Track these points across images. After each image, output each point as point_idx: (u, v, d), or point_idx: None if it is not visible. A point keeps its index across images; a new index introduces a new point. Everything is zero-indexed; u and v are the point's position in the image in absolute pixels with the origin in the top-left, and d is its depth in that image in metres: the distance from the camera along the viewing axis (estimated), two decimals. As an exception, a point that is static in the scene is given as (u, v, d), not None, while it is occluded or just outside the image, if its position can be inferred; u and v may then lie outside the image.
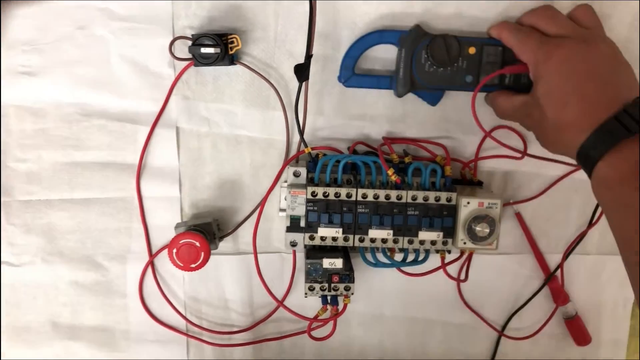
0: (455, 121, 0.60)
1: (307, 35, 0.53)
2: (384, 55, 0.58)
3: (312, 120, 0.59)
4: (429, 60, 0.55)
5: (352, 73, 0.57)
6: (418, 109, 0.59)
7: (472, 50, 0.55)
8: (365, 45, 0.57)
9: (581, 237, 0.62)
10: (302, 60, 0.53)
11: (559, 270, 0.63)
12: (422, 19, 0.57)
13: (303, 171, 0.56)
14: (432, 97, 0.58)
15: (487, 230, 0.54)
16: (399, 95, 0.57)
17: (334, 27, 0.58)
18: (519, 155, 0.59)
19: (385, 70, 0.58)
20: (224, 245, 0.61)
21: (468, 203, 0.54)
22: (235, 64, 0.57)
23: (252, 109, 0.59)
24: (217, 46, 0.53)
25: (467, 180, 0.60)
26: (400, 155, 0.58)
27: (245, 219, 0.61)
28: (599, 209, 0.62)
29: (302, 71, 0.53)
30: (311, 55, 0.53)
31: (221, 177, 0.60)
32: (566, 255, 0.63)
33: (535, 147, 0.59)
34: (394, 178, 0.54)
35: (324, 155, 0.57)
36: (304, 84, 0.54)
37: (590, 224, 0.62)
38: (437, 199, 0.54)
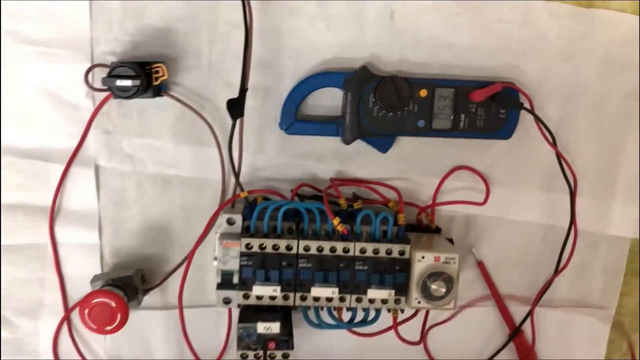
0: (411, 161, 0.54)
1: (242, 67, 0.46)
2: (330, 99, 0.52)
3: (251, 159, 0.53)
4: (377, 105, 0.50)
5: (295, 119, 0.51)
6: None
7: (423, 92, 0.50)
8: (307, 89, 0.51)
9: (548, 285, 0.56)
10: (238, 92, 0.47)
11: (525, 324, 0.57)
12: (370, 59, 0.52)
13: (238, 218, 0.49)
14: (383, 143, 0.52)
15: (444, 290, 0.47)
16: (346, 142, 0.51)
17: (276, 55, 0.51)
18: (480, 201, 0.54)
19: (331, 116, 0.52)
20: (151, 299, 0.54)
21: (423, 257, 0.48)
22: (162, 96, 0.50)
23: (183, 145, 0.52)
24: (136, 77, 0.46)
25: (424, 226, 0.54)
26: (350, 199, 0.52)
27: (174, 269, 0.54)
28: (565, 254, 0.56)
29: (235, 107, 0.46)
30: (246, 90, 0.46)
31: (147, 222, 0.53)
32: (534, 307, 0.57)
33: (499, 189, 0.54)
34: (340, 228, 0.47)
35: (263, 199, 0.51)
36: (238, 120, 0.47)
37: (557, 271, 0.57)
38: (389, 252, 0.48)
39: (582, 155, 0.56)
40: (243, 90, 0.46)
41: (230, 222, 0.49)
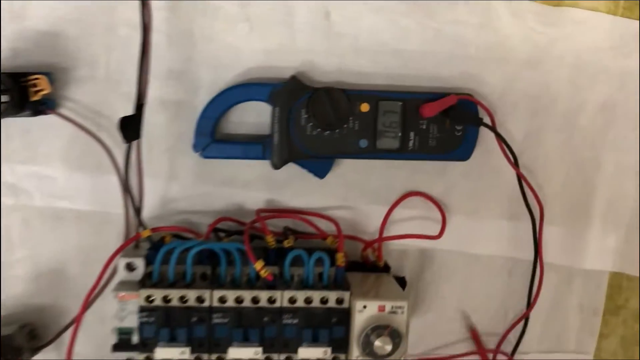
0: (355, 186, 0.46)
1: (138, 76, 0.38)
2: (255, 115, 0.44)
3: (163, 187, 0.44)
4: (310, 121, 0.41)
5: (212, 139, 0.42)
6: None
7: (364, 107, 0.42)
8: (226, 103, 0.42)
9: (519, 322, 0.49)
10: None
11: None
12: (302, 67, 0.43)
13: (140, 263, 0.40)
14: (319, 167, 0.44)
15: (389, 347, 0.39)
16: (275, 166, 0.43)
17: (188, 64, 0.43)
18: (435, 233, 0.46)
19: (257, 135, 0.44)
20: (45, 356, 0.44)
21: (364, 307, 0.39)
22: (47, 114, 0.41)
23: (77, 172, 0.43)
24: (5, 92, 0.37)
25: (370, 264, 0.46)
26: (279, 233, 0.43)
27: (72, 321, 0.44)
28: (535, 290, 0.48)
29: (130, 126, 0.38)
30: (142, 105, 0.38)
31: (37, 266, 0.44)
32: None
33: (458, 218, 0.46)
34: (264, 274, 0.39)
35: (173, 238, 0.42)
36: (135, 142, 0.39)
37: (524, 313, 0.49)
38: (324, 300, 0.40)
39: (551, 177, 0.48)
40: (139, 105, 0.38)
41: (130, 267, 0.40)
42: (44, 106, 0.41)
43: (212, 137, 0.43)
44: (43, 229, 0.44)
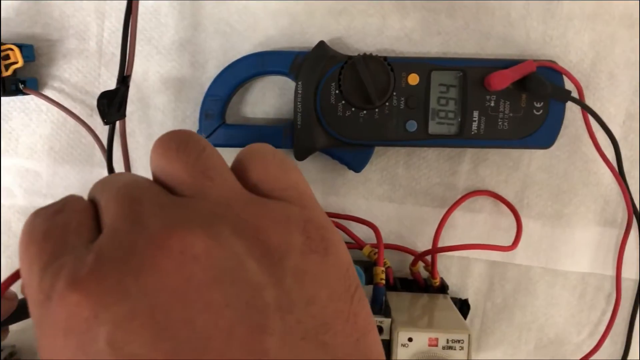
0: (401, 182, 0.37)
1: (122, 44, 0.30)
2: (273, 93, 0.35)
3: (164, 184, 0.36)
4: (343, 99, 0.32)
5: (220, 122, 0.34)
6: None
7: (413, 79, 0.33)
8: (237, 78, 0.34)
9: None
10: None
11: None
12: (332, 32, 0.34)
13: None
14: (354, 157, 0.35)
15: (444, 396, 0.29)
16: (299, 157, 0.34)
17: (195, 31, 0.35)
18: (507, 243, 0.35)
19: (276, 119, 0.35)
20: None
21: (410, 340, 0.30)
22: (25, 94, 0.34)
23: (64, 165, 0.36)
24: (-37, 63, 0.31)
25: (421, 282, 0.36)
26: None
27: None
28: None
29: (109, 103, 0.30)
30: (127, 77, 0.30)
31: (19, 277, 0.37)
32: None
33: (536, 226, 0.36)
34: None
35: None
36: (118, 124, 0.31)
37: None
38: (357, 328, 0.30)
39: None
40: (123, 78, 0.30)
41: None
42: (23, 85, 0.34)
43: (221, 120, 0.34)
44: (26, 233, 0.37)
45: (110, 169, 0.32)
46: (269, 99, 0.36)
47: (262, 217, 0.16)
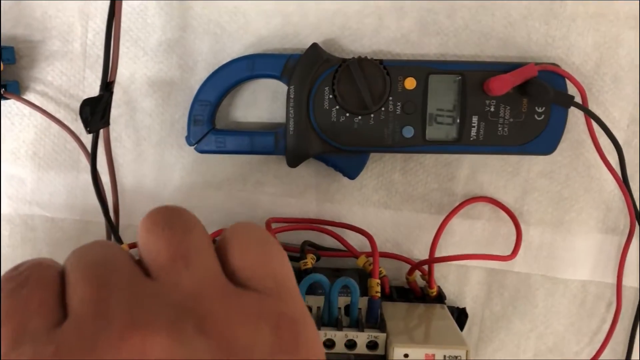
0: (397, 189, 0.36)
1: (105, 47, 0.29)
2: (264, 97, 0.34)
3: (152, 188, 0.35)
4: (337, 104, 0.31)
5: (210, 128, 0.33)
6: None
7: (410, 83, 0.31)
8: (227, 82, 0.33)
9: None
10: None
11: None
12: (327, 34, 0.33)
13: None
14: (349, 164, 0.33)
15: (441, 415, 0.28)
16: (291, 163, 0.33)
17: (183, 31, 0.34)
18: (507, 252, 0.34)
19: (267, 123, 0.34)
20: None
21: (405, 356, 0.29)
22: (6, 98, 0.33)
23: (48, 172, 0.35)
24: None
25: (418, 291, 0.35)
26: (296, 250, 0.33)
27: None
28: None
29: (92, 111, 0.29)
30: (111, 83, 0.29)
31: (4, 286, 0.36)
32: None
33: (536, 233, 0.35)
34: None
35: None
36: (102, 132, 0.30)
37: None
38: (350, 344, 0.29)
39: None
40: (107, 84, 0.28)
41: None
42: (3, 89, 0.32)
43: (210, 125, 0.33)
44: (11, 242, 0.36)
45: (95, 176, 0.31)
46: (261, 102, 0.34)
47: (232, 312, 0.15)
